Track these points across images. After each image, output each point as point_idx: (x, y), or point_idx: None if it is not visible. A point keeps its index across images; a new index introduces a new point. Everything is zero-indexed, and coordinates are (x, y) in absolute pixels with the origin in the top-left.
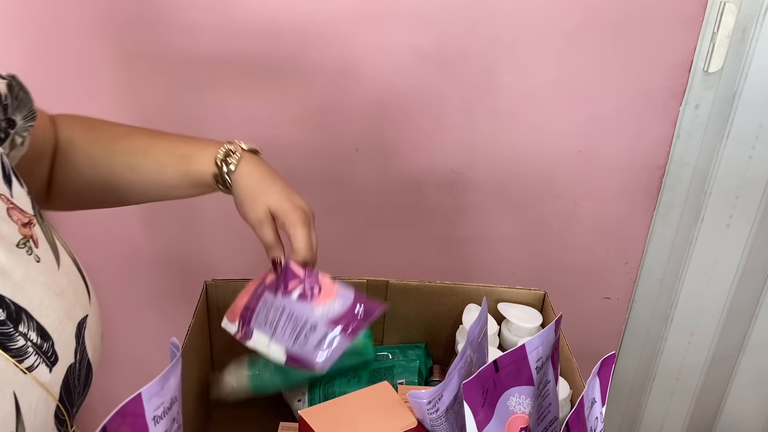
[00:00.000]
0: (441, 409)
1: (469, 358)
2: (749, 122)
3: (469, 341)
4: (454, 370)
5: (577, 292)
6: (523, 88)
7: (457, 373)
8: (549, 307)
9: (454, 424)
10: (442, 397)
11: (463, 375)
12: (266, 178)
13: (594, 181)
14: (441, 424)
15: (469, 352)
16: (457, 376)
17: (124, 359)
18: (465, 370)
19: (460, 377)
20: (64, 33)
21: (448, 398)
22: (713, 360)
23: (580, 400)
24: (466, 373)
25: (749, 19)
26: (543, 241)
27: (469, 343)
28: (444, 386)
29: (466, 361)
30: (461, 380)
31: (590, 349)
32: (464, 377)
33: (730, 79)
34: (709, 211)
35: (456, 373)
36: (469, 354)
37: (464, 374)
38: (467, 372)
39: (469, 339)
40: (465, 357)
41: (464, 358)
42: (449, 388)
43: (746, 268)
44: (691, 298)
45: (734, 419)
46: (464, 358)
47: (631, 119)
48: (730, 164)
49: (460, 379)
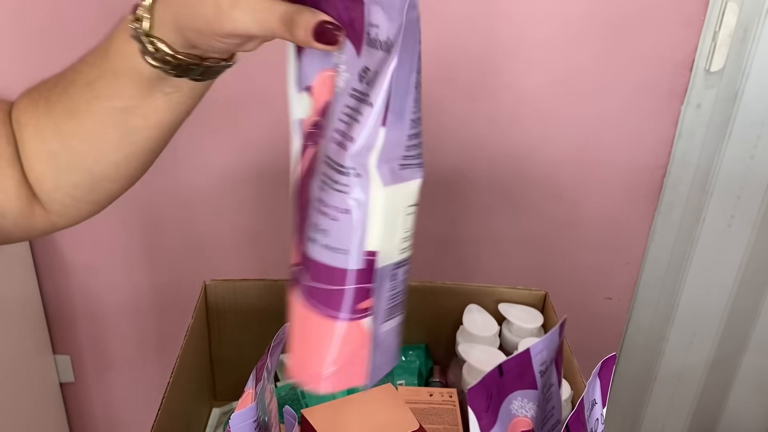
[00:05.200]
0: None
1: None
2: (751, 122)
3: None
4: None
5: (579, 292)
6: (524, 88)
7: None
8: (550, 307)
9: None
10: None
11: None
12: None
13: (595, 180)
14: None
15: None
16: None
17: (124, 359)
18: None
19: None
20: (63, 39)
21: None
22: (714, 360)
23: (580, 401)
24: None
25: (751, 18)
26: (544, 241)
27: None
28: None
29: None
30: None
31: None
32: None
33: (732, 78)
34: (711, 211)
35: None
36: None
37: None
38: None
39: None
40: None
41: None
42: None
43: (748, 269)
44: (692, 298)
45: (736, 420)
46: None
47: (632, 118)
48: (732, 164)
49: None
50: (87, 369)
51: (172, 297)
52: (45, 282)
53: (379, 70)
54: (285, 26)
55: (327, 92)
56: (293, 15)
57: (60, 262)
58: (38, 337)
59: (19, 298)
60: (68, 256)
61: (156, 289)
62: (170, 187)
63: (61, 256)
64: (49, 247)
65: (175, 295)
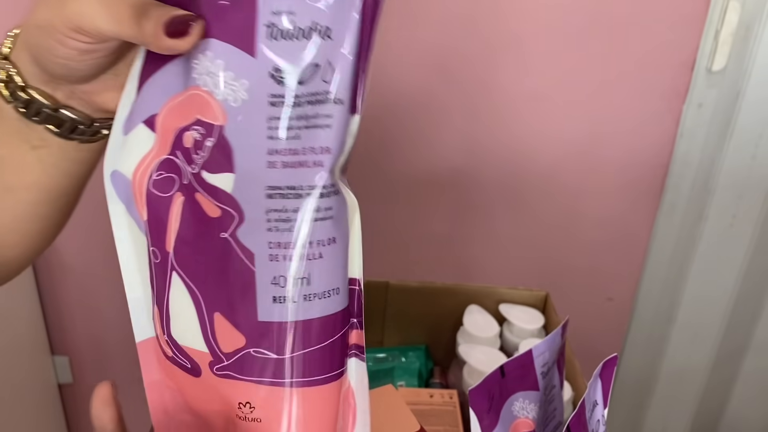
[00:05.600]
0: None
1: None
2: (753, 121)
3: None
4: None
5: (580, 292)
6: (524, 87)
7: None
8: (551, 308)
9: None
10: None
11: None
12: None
13: (596, 180)
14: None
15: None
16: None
17: (122, 360)
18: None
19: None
20: None
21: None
22: (717, 361)
23: (581, 402)
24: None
25: (753, 18)
26: (545, 241)
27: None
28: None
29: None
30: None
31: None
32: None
33: (734, 77)
34: (713, 211)
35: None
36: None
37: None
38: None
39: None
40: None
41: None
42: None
43: (750, 268)
44: (694, 298)
45: (738, 421)
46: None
47: (633, 118)
48: (734, 163)
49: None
50: (85, 370)
51: None
52: (43, 283)
53: (328, 60)
54: (135, 17)
55: (184, 116)
56: (146, 5)
57: (58, 263)
58: (36, 338)
59: (17, 299)
60: (66, 257)
61: None
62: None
63: (59, 257)
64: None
65: None
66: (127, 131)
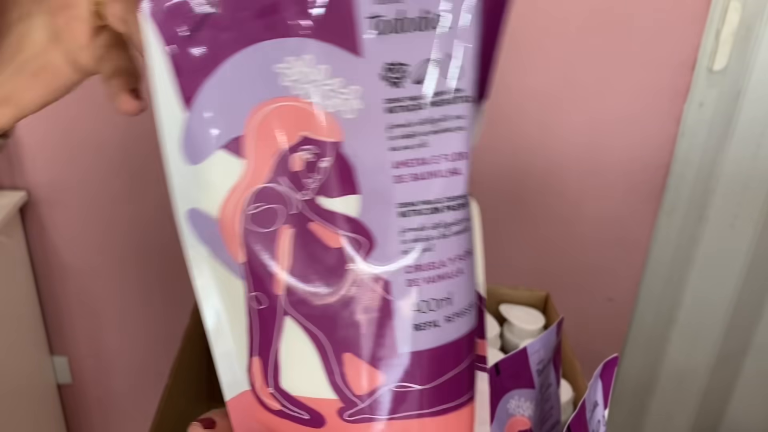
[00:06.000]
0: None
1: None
2: (754, 120)
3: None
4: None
5: (580, 292)
6: (525, 87)
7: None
8: (551, 308)
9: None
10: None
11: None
12: None
13: (597, 180)
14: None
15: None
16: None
17: (121, 361)
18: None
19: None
20: None
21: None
22: (718, 361)
23: (582, 403)
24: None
25: (754, 17)
26: (545, 241)
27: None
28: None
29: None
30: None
31: (593, 351)
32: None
33: (735, 77)
34: (714, 211)
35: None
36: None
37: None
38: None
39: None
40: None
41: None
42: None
43: (751, 268)
44: (695, 298)
45: (739, 421)
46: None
47: (634, 117)
48: (735, 163)
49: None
50: (84, 370)
51: (169, 298)
52: (42, 283)
53: (447, 53)
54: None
55: (284, 135)
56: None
57: (57, 263)
58: (36, 338)
59: (16, 300)
60: (65, 258)
61: (153, 290)
62: (168, 187)
63: (58, 257)
64: (47, 249)
65: (173, 296)
66: (197, 159)
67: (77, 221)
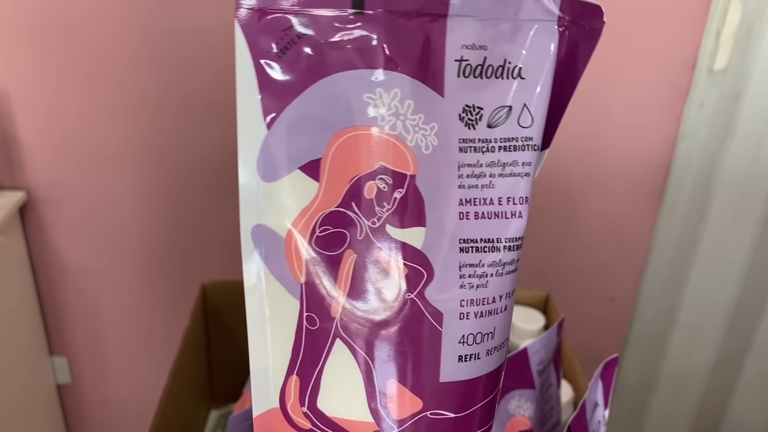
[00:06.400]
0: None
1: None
2: (754, 121)
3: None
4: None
5: (580, 293)
6: None
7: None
8: (552, 308)
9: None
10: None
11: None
12: None
13: (597, 180)
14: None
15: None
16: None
17: (121, 361)
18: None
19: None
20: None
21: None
22: (718, 361)
23: (582, 403)
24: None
25: (755, 17)
26: (545, 241)
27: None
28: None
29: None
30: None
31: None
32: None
33: (735, 77)
34: (714, 211)
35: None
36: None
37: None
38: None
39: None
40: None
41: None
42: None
43: (752, 268)
44: (695, 298)
45: (739, 421)
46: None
47: (634, 118)
48: (735, 163)
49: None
50: (84, 371)
51: (169, 298)
52: (42, 283)
53: (524, 103)
54: None
55: (362, 162)
56: None
57: (56, 263)
58: (35, 338)
59: (15, 300)
60: (65, 257)
61: (153, 290)
62: (168, 187)
63: (57, 257)
64: (46, 248)
65: (173, 297)
66: (272, 177)
67: (77, 221)
